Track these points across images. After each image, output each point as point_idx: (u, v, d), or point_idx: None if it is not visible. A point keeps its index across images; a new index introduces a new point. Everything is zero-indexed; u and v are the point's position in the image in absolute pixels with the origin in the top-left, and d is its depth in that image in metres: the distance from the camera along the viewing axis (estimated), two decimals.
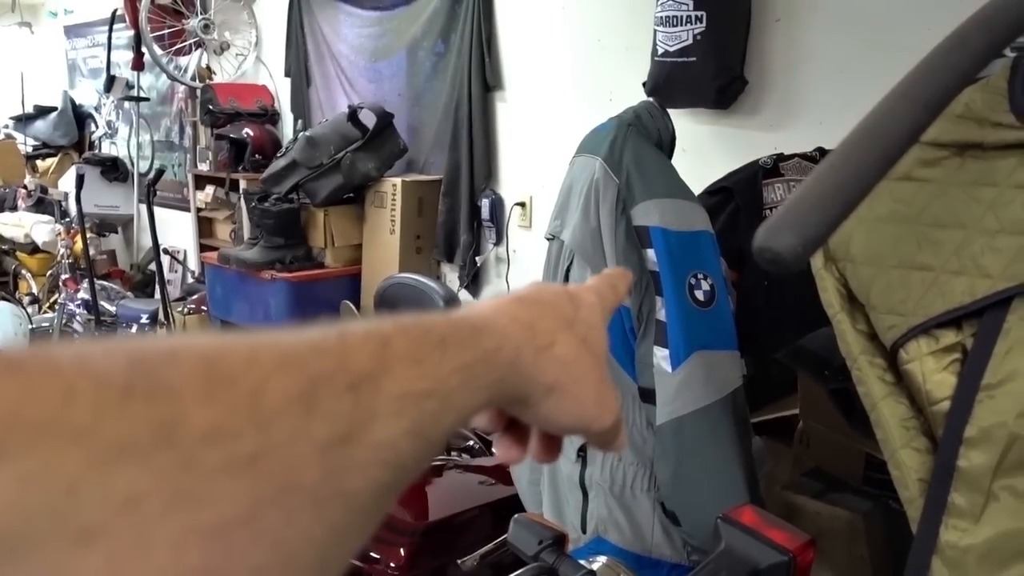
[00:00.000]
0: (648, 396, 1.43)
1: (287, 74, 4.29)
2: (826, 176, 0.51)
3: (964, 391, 0.79)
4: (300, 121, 4.14)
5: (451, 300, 2.19)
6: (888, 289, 0.85)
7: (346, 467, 0.24)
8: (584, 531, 1.52)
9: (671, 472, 1.40)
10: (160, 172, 4.08)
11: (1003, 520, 0.76)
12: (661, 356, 1.40)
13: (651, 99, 1.69)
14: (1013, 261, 0.78)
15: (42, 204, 5.44)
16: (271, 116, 4.38)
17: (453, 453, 2.13)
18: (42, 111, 6.15)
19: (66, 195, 5.15)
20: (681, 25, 2.35)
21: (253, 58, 4.58)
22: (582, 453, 1.51)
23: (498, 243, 3.35)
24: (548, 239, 1.61)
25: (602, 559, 1.10)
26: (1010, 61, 0.84)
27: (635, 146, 1.48)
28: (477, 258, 3.39)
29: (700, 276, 1.41)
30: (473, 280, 3.41)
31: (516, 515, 1.07)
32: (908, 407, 0.85)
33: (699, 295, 1.40)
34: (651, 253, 1.41)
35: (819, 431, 1.64)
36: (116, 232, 5.60)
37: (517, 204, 3.25)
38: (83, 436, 0.19)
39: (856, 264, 0.89)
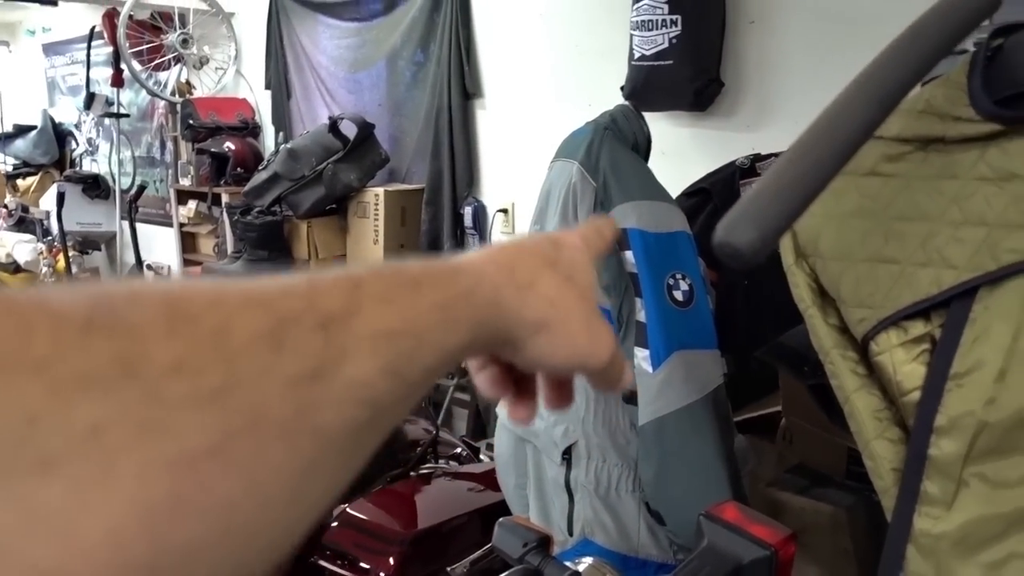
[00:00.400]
0: (630, 397, 1.45)
1: (267, 87, 4.29)
2: (784, 171, 0.52)
3: (933, 381, 0.80)
4: (281, 133, 4.13)
5: None
6: (857, 283, 0.86)
7: (318, 402, 0.24)
8: (571, 533, 1.53)
9: (654, 472, 1.40)
10: (142, 188, 4.08)
11: (974, 506, 0.77)
12: (642, 357, 1.41)
13: (627, 103, 1.70)
14: (977, 252, 0.79)
15: (23, 223, 5.40)
16: (252, 129, 4.37)
17: (441, 460, 2.13)
18: (22, 130, 6.12)
19: (47, 213, 5.12)
20: (657, 29, 2.37)
21: (233, 72, 4.58)
22: (567, 456, 1.52)
23: None
24: None
25: (588, 560, 1.10)
26: (970, 56, 0.86)
27: (611, 149, 1.49)
28: None
29: (678, 276, 1.42)
30: None
31: (501, 519, 1.07)
32: (880, 398, 0.86)
33: (678, 295, 1.41)
34: (629, 255, 1.42)
35: (801, 427, 1.65)
36: (99, 249, 5.58)
37: (499, 211, 3.26)
38: (42, 368, 0.19)
39: (826, 260, 0.91)
